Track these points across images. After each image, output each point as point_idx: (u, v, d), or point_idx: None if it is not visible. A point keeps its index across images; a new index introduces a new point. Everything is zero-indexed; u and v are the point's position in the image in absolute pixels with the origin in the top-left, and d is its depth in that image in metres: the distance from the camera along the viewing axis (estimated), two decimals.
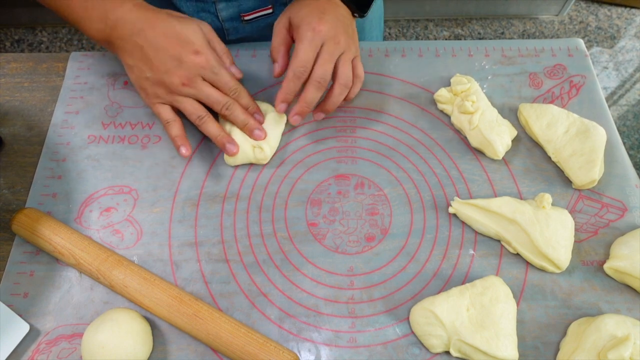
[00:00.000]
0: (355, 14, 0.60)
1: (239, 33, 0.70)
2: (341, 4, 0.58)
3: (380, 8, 0.81)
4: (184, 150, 0.56)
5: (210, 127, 0.56)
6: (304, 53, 0.54)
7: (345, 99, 0.59)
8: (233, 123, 0.57)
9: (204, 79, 0.54)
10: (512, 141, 0.59)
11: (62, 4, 0.54)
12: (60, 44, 1.81)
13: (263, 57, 0.67)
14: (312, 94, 0.56)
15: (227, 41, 0.70)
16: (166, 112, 0.56)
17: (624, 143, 0.78)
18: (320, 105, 0.59)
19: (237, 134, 0.57)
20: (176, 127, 0.56)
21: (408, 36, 1.90)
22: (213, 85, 0.55)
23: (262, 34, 0.71)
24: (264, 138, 0.57)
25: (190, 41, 0.53)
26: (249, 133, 0.57)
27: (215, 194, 0.57)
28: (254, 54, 0.67)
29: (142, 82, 0.55)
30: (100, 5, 0.53)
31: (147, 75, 0.54)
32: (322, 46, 0.55)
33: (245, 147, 0.57)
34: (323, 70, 0.55)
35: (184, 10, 0.67)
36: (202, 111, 0.55)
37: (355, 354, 0.48)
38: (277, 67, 0.58)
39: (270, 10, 0.68)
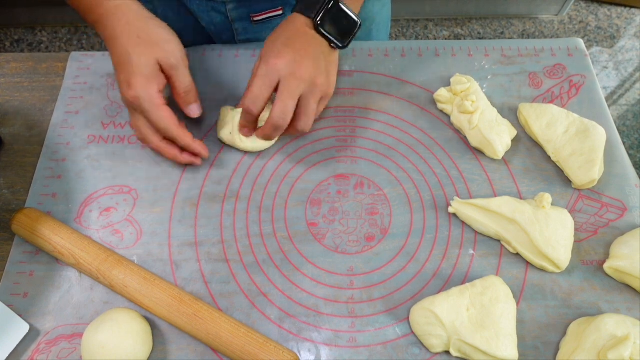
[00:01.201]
0: (332, 45, 0.56)
1: (249, 34, 0.70)
2: (318, 37, 0.55)
3: (389, 10, 0.81)
4: (193, 111, 0.55)
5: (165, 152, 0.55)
6: (254, 87, 0.52)
7: (292, 132, 0.56)
8: None
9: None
10: (512, 141, 0.59)
11: None
12: (60, 44, 1.81)
13: None
14: (270, 132, 0.54)
15: (236, 41, 0.71)
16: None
17: (624, 143, 0.78)
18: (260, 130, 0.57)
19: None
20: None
21: (408, 36, 1.90)
22: None
23: None
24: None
25: (130, 71, 0.51)
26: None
27: (215, 194, 0.57)
28: (253, 53, 0.67)
29: None
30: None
31: None
32: (280, 82, 0.52)
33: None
34: (281, 111, 0.52)
35: (194, 9, 0.67)
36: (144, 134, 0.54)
37: (355, 353, 0.48)
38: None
39: (281, 12, 0.68)
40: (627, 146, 1.63)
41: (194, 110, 0.56)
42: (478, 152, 0.60)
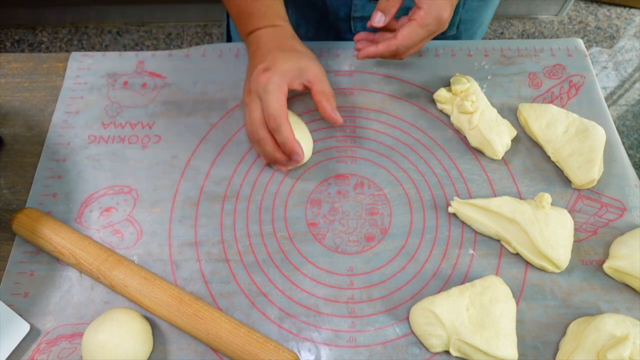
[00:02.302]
0: None
1: (365, 11, 0.70)
2: None
3: (493, 12, 0.78)
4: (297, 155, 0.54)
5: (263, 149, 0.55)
6: (415, 36, 0.54)
7: (395, 56, 0.58)
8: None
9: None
10: (512, 141, 0.59)
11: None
12: (60, 44, 1.81)
13: None
14: (390, 51, 0.55)
15: (351, 18, 0.70)
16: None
17: (623, 143, 0.78)
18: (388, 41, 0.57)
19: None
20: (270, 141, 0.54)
21: None
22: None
23: None
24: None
25: (275, 63, 0.53)
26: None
27: (215, 194, 0.57)
28: None
29: None
30: (247, 16, 0.58)
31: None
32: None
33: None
34: (411, 43, 0.55)
35: None
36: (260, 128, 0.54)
37: (355, 353, 0.48)
38: (381, 19, 0.55)
39: None
40: (626, 146, 1.63)
41: (337, 117, 0.55)
42: (478, 152, 0.60)
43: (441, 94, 0.62)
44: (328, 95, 0.55)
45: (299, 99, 0.63)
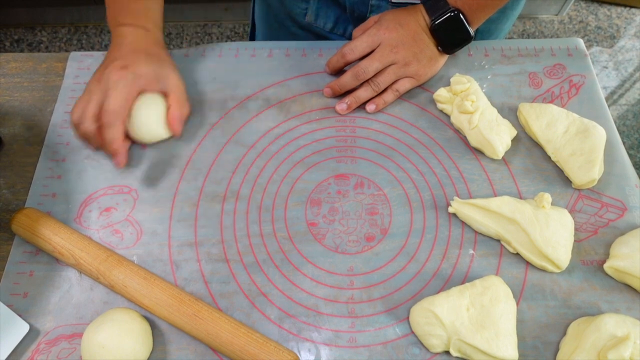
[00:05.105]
0: (440, 48, 0.61)
1: (382, 12, 0.69)
2: (428, 35, 0.60)
3: (519, 11, 0.78)
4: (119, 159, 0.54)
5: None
6: (358, 40, 0.60)
7: (372, 105, 0.62)
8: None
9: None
10: (512, 141, 0.59)
11: None
12: (59, 44, 1.81)
13: (262, 57, 0.67)
14: (346, 79, 0.61)
15: (367, 18, 0.68)
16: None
17: (624, 142, 0.78)
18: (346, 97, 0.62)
19: (142, 111, 0.55)
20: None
21: None
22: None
23: None
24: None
25: (135, 62, 0.54)
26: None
27: (215, 194, 0.57)
28: (253, 53, 0.67)
29: None
30: (122, 8, 0.59)
31: None
32: (378, 46, 0.59)
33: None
34: (365, 65, 0.59)
35: None
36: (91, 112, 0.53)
37: (355, 354, 0.48)
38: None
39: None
40: (627, 146, 1.63)
41: (178, 128, 0.56)
42: (478, 152, 0.60)
43: (441, 93, 0.62)
44: (181, 104, 0.57)
45: (297, 99, 0.63)
